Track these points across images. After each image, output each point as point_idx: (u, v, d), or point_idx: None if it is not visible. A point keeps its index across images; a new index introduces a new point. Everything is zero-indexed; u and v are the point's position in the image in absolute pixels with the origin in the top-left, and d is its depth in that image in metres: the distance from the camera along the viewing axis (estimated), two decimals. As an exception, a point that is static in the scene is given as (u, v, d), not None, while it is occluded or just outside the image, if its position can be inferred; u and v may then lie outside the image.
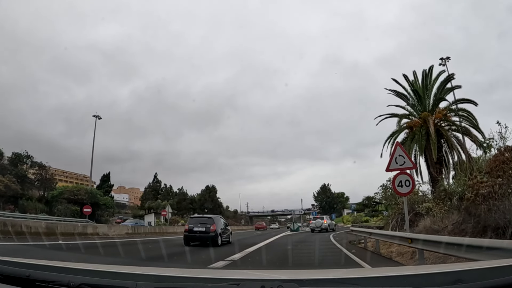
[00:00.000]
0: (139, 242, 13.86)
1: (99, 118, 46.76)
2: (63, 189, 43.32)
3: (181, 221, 53.88)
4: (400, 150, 9.20)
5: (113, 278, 1.46)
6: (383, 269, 3.49)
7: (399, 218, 13.79)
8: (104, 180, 56.44)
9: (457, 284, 1.21)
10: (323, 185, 77.45)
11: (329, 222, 33.49)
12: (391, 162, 8.98)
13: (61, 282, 1.40)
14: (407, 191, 8.83)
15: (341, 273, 1.91)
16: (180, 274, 1.70)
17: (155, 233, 25.92)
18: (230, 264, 8.05)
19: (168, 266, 7.14)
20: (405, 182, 8.69)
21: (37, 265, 1.63)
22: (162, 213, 41.58)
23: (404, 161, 8.87)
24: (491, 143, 11.65)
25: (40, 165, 45.20)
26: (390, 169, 9.00)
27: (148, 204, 61.57)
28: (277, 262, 9.06)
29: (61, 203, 39.34)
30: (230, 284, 1.33)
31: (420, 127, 17.97)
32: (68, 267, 1.65)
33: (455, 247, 4.80)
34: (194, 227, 13.81)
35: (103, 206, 44.66)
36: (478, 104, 18.31)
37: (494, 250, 3.90)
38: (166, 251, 10.80)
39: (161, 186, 71.28)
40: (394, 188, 8.95)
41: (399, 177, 8.79)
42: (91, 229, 18.65)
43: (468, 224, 7.59)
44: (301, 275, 1.68)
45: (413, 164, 9.18)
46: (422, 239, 6.36)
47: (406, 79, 19.67)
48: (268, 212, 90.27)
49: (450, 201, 11.71)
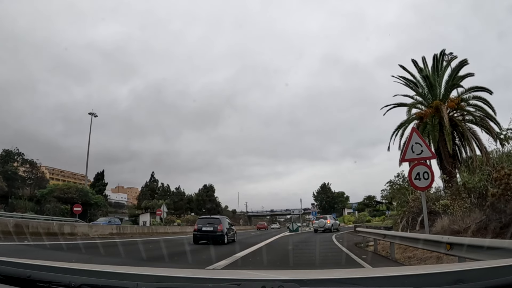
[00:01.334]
0: (120, 243, 13.00)
1: (95, 116, 47.52)
2: (53, 187, 42.54)
3: (177, 221, 53.13)
4: (416, 137, 8.14)
5: (114, 279, 1.49)
6: (384, 269, 3.52)
7: (410, 218, 12.91)
8: (98, 178, 56.15)
9: (458, 284, 1.22)
10: (323, 184, 77.54)
11: (333, 222, 32.30)
12: (406, 151, 8.05)
13: (62, 283, 1.43)
14: (426, 184, 7.82)
15: (342, 273, 1.92)
16: (181, 274, 1.72)
17: (143, 234, 24.47)
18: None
19: (170, 266, 7.24)
20: (423, 175, 7.67)
21: (37, 266, 1.66)
22: (157, 212, 41.29)
23: (422, 149, 7.87)
24: (509, 134, 10.88)
25: (31, 162, 45.01)
26: (406, 159, 8.14)
27: (145, 204, 61.43)
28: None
29: (49, 202, 38.58)
30: (231, 284, 1.34)
31: (432, 117, 16.78)
32: (69, 268, 1.67)
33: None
34: (203, 227, 15.22)
35: (95, 205, 43.72)
36: (493, 92, 16.97)
37: None
38: (153, 253, 10.38)
39: (158, 185, 71.14)
40: (411, 181, 7.96)
41: (416, 169, 7.79)
42: (68, 229, 17.15)
43: (496, 222, 6.85)
44: (301, 275, 1.70)
45: (432, 153, 8.14)
46: (467, 244, 4.84)
47: (415, 64, 18.31)
48: (267, 212, 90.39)
49: (469, 197, 10.76)
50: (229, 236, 15.97)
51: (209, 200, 67.93)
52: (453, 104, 17.14)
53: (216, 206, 69.02)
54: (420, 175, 7.71)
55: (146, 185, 69.95)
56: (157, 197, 64.81)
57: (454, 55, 17.86)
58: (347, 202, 77.19)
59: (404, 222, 13.19)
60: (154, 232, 27.04)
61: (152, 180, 70.72)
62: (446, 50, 18.21)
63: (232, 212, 78.95)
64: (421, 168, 7.78)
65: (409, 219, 12.84)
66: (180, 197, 68.26)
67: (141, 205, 63.40)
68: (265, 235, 27.61)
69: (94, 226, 21.22)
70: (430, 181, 7.80)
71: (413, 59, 18.38)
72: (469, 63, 17.62)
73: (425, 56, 18.40)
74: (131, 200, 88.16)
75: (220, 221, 15.63)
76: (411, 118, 18.38)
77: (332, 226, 30.39)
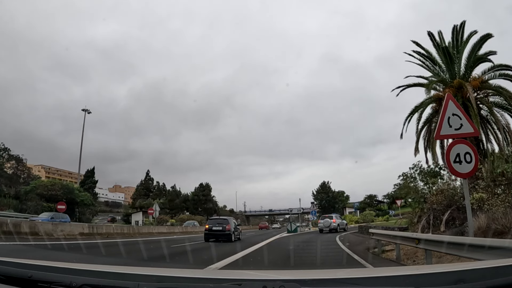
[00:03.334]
0: (84, 246, 11.95)
1: (89, 112, 47.77)
2: (37, 184, 40.74)
3: (170, 220, 51.90)
4: (453, 106, 6.47)
5: (115, 279, 1.52)
6: (385, 269, 3.56)
7: (430, 216, 11.16)
8: (88, 175, 55.08)
9: (458, 284, 1.24)
10: (323, 183, 76.89)
11: (339, 221, 31.22)
12: (441, 125, 6.47)
13: (63, 283, 1.46)
14: (469, 169, 6.15)
15: (343, 273, 1.95)
16: (182, 274, 1.75)
17: (122, 234, 21.95)
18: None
19: (171, 266, 7.22)
20: (464, 156, 6.09)
21: (39, 266, 1.69)
22: (149, 211, 40.23)
23: (461, 123, 6.33)
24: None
25: (18, 158, 44.28)
26: (441, 135, 6.57)
27: (139, 203, 61.38)
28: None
29: (31, 199, 37.03)
30: (232, 285, 1.37)
31: (453, 97, 15.33)
32: (70, 268, 1.70)
33: None
34: (213, 227, 17.88)
35: (81, 203, 41.69)
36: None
37: None
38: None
39: (154, 184, 71.03)
40: (450, 166, 6.33)
41: (456, 149, 6.21)
42: (27, 228, 15.56)
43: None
44: (302, 275, 1.74)
45: (475, 128, 6.66)
46: None
47: (432, 38, 16.15)
48: (265, 212, 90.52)
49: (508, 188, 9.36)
50: (235, 234, 18.46)
51: (206, 199, 67.80)
52: (476, 83, 15.09)
53: (212, 205, 68.96)
54: (461, 157, 6.12)
55: (141, 183, 69.81)
56: (152, 196, 64.77)
57: (474, 30, 15.80)
58: (347, 201, 77.27)
59: (424, 221, 11.41)
60: (136, 232, 24.95)
61: (147, 179, 70.58)
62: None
63: (230, 212, 78.94)
64: (462, 148, 6.18)
65: (430, 218, 11.23)
66: (175, 196, 68.17)
67: (136, 204, 63.38)
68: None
69: (60, 225, 18.88)
70: (473, 165, 6.14)
71: (429, 31, 16.27)
72: (493, 35, 15.34)
73: (442, 31, 16.50)
74: (128, 199, 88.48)
75: (228, 222, 18.28)
76: (428, 100, 16.34)
77: (339, 226, 29.64)
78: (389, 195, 73.06)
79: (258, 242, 16.57)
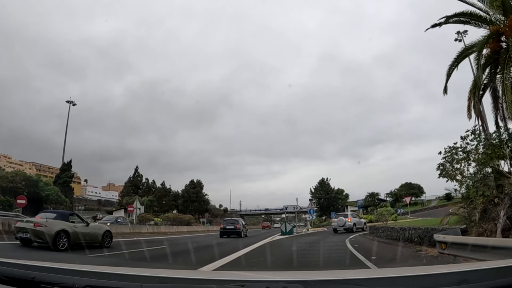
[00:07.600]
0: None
1: (74, 104, 47.75)
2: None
3: (154, 219, 44.23)
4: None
5: (118, 280, 1.61)
6: (389, 269, 3.64)
7: (504, 212, 7.99)
8: (64, 169, 51.80)
9: (462, 285, 1.30)
10: (322, 180, 75.32)
11: (355, 220, 29.24)
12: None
13: (66, 284, 1.54)
14: None
15: (347, 274, 2.02)
16: (185, 275, 1.84)
17: None
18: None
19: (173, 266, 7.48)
20: None
21: (41, 267, 1.77)
22: (128, 209, 37.88)
23: None
24: None
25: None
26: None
27: (126, 200, 61.04)
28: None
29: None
30: (235, 286, 1.45)
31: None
32: (73, 269, 1.78)
33: None
34: (227, 226, 24.80)
35: (46, 197, 37.83)
36: None
37: None
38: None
39: (143, 180, 70.64)
40: None
41: None
42: None
43: None
44: (306, 276, 1.82)
45: None
46: None
47: None
48: (261, 211, 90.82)
49: None
50: (243, 232, 25.20)
51: (197, 196, 67.58)
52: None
53: (204, 203, 68.82)
54: None
55: (130, 180, 69.32)
56: (141, 194, 64.49)
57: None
58: (347, 200, 77.38)
59: (503, 218, 7.99)
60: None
61: (136, 175, 70.09)
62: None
63: (224, 211, 79.00)
64: None
65: (502, 214, 7.95)
66: (164, 193, 67.79)
67: (123, 201, 63.09)
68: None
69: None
70: None
71: None
72: None
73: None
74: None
75: (238, 222, 25.65)
76: (478, 43, 13.29)
77: (355, 226, 27.92)
78: (392, 193, 73.91)
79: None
